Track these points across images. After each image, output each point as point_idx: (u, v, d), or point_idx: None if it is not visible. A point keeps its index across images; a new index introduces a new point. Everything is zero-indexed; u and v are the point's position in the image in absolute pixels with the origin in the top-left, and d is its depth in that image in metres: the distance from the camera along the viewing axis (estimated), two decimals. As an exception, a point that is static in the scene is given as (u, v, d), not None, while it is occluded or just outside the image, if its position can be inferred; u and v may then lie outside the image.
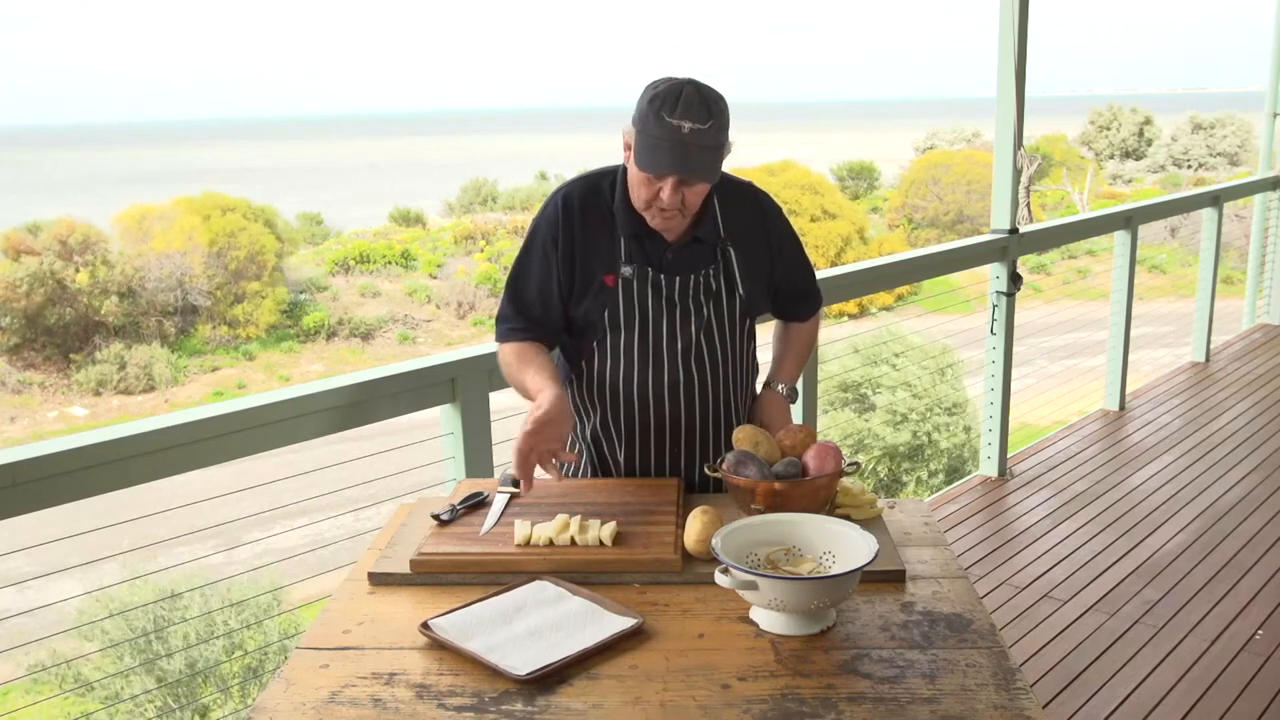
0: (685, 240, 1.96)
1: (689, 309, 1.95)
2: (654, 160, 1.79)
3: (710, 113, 1.77)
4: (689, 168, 1.78)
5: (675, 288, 1.94)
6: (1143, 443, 4.94)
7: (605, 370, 1.98)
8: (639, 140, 1.81)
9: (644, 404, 1.98)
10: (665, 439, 2.00)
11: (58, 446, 2.03)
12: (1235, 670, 3.02)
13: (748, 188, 2.07)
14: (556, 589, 1.56)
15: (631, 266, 1.92)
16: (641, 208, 1.89)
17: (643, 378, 1.97)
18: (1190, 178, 33.41)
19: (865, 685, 1.34)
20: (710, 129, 1.76)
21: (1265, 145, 6.75)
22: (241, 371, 19.89)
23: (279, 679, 1.39)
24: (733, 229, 1.99)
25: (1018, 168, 4.26)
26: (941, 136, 39.79)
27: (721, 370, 2.00)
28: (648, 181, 1.83)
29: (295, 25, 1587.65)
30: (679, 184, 1.81)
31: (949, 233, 25.38)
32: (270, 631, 6.57)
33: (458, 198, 35.20)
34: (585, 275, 1.95)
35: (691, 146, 1.76)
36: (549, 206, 1.99)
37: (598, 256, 1.94)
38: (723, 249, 1.97)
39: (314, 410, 2.37)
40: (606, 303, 1.94)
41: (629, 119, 1.85)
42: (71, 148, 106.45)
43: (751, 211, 2.04)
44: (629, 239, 1.93)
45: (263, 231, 21.25)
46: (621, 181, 1.95)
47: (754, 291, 2.02)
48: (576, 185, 2.00)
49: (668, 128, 1.75)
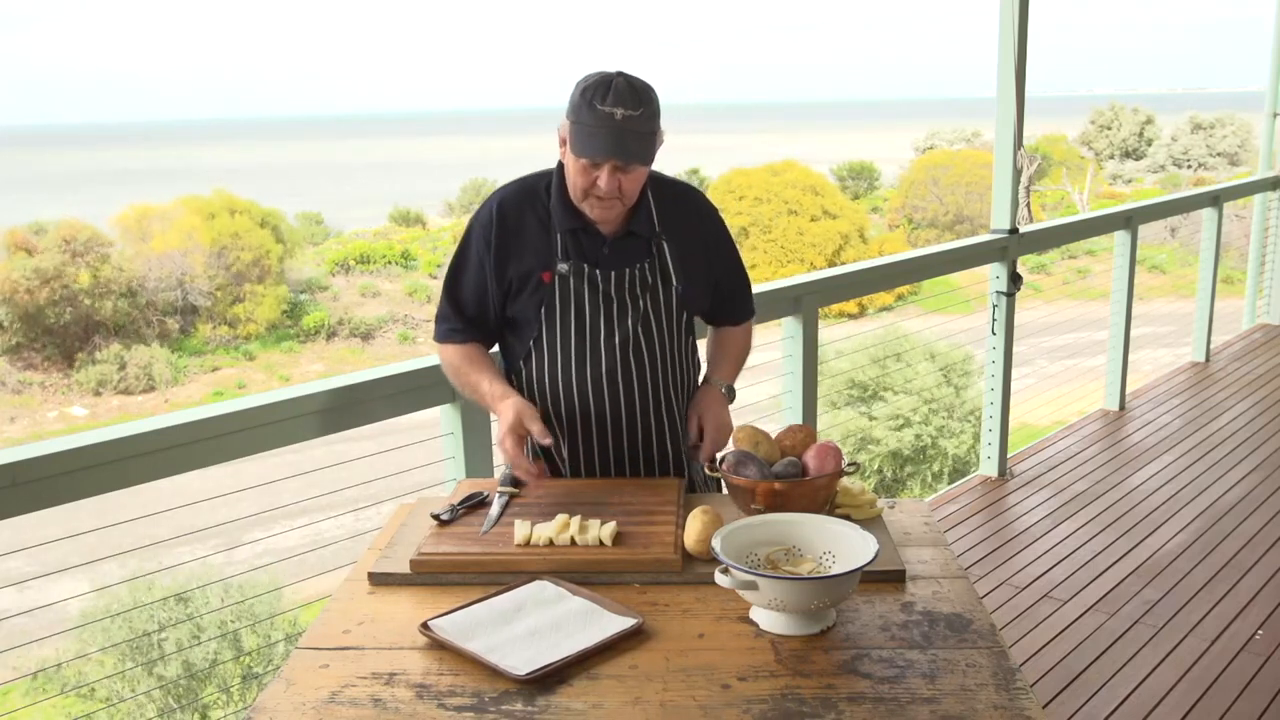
0: (621, 234, 1.99)
1: (625, 302, 1.98)
2: (590, 145, 1.83)
3: (640, 100, 1.83)
4: (624, 152, 1.83)
5: (611, 282, 1.97)
6: (1143, 443, 4.94)
7: (544, 366, 2.02)
8: (574, 130, 1.85)
9: (583, 397, 2.00)
10: (606, 431, 2.02)
11: (58, 446, 2.03)
12: (1235, 670, 3.01)
13: (684, 188, 2.11)
14: (556, 589, 1.56)
15: (568, 263, 1.96)
16: (579, 198, 1.92)
17: (580, 371, 1.99)
18: (1190, 178, 33.41)
19: (865, 685, 1.34)
20: (641, 115, 1.82)
21: (1265, 145, 6.75)
22: (241, 371, 19.89)
23: (279, 679, 1.39)
24: (667, 224, 2.02)
25: (1018, 168, 4.26)
26: (941, 136, 39.80)
27: (660, 362, 2.02)
28: (585, 170, 1.87)
29: (296, 25, 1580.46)
30: (615, 169, 1.86)
31: (949, 233, 25.38)
32: (270, 631, 6.57)
33: (458, 198, 35.21)
34: (521, 274, 1.98)
35: (625, 132, 1.82)
36: (483, 210, 2.03)
37: (534, 255, 1.98)
38: (657, 243, 2.00)
39: (314, 410, 2.37)
40: (543, 299, 1.98)
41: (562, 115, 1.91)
42: (71, 148, 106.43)
43: (687, 209, 2.07)
44: (565, 234, 1.96)
45: (266, 235, 21.26)
46: (558, 180, 1.98)
47: (690, 286, 2.05)
48: (511, 188, 2.05)
49: (601, 115, 1.81)
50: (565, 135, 1.89)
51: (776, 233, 23.43)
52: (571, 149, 1.87)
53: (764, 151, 34.18)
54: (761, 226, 23.62)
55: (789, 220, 23.44)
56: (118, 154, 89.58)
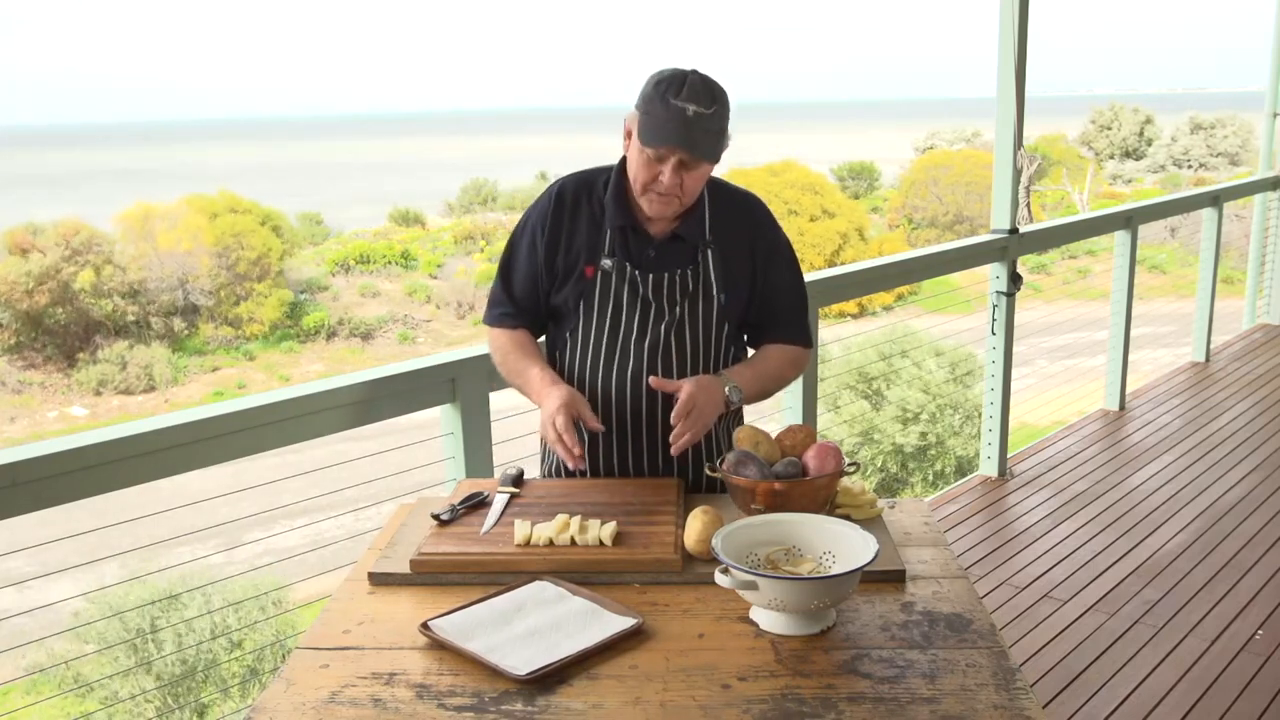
0: (668, 237, 1.97)
1: (661, 307, 1.96)
2: (659, 136, 1.82)
3: (714, 98, 1.82)
4: (692, 145, 1.82)
5: (649, 285, 1.96)
6: (1143, 443, 4.94)
7: (575, 359, 2.01)
8: (643, 121, 1.84)
9: (606, 395, 1.99)
10: (627, 435, 2.00)
11: (58, 446, 2.03)
12: (1235, 670, 3.01)
13: (745, 197, 2.07)
14: (556, 589, 1.56)
15: (612, 260, 1.95)
16: (639, 191, 1.91)
17: (607, 369, 1.99)
18: (1190, 178, 33.41)
19: (865, 685, 1.34)
20: (713, 114, 1.81)
21: (1265, 145, 6.75)
22: (242, 371, 19.89)
23: (279, 679, 1.39)
24: (719, 233, 1.99)
25: (1018, 168, 4.26)
26: (941, 136, 39.79)
27: (690, 370, 1.99)
28: (649, 163, 1.86)
29: (296, 25, 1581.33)
30: (680, 165, 1.84)
31: (949, 233, 25.38)
32: (270, 631, 6.58)
33: (458, 198, 35.21)
34: (568, 264, 1.98)
35: (696, 128, 1.80)
36: (543, 197, 2.03)
37: (583, 247, 1.98)
38: (704, 250, 1.98)
39: (314, 410, 2.37)
40: (583, 293, 1.98)
41: (631, 107, 1.89)
42: (70, 148, 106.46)
43: (742, 219, 2.04)
44: (615, 231, 1.96)
45: (268, 234, 21.26)
46: (616, 175, 1.98)
47: (733, 298, 2.01)
48: (571, 179, 2.04)
49: (673, 109, 1.80)
50: (631, 127, 1.88)
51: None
52: (639, 138, 1.85)
53: (764, 151, 34.17)
54: (763, 227, 23.58)
55: (790, 221, 23.45)
56: (114, 154, 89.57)
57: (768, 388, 2.07)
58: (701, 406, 1.87)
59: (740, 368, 2.04)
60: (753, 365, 2.06)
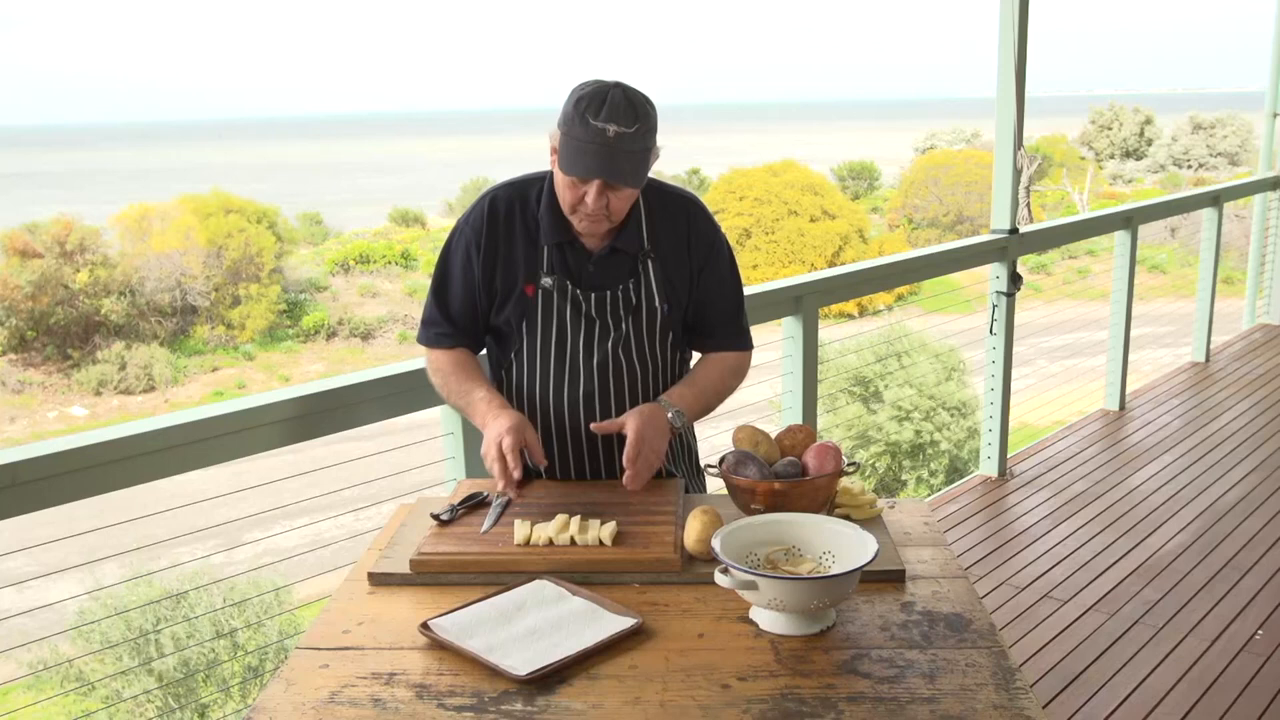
0: (606, 251, 1.92)
1: (607, 324, 1.93)
2: (578, 163, 1.76)
3: (636, 116, 1.75)
4: (613, 172, 1.76)
5: (592, 302, 1.92)
6: (1143, 443, 4.94)
7: (523, 380, 1.97)
8: (563, 143, 1.78)
9: (559, 414, 1.96)
10: (583, 453, 1.98)
11: (58, 446, 2.03)
12: (1235, 670, 3.01)
13: (684, 201, 2.01)
14: (556, 589, 1.56)
15: (552, 278, 1.91)
16: (567, 211, 1.86)
17: (557, 388, 1.95)
18: (1190, 178, 33.42)
19: (865, 685, 1.34)
20: (636, 133, 1.75)
21: (1265, 145, 6.75)
22: (241, 371, 19.90)
23: (279, 679, 1.39)
24: (658, 241, 1.95)
25: (1018, 168, 4.26)
26: (941, 137, 39.81)
27: (642, 387, 1.97)
28: (573, 185, 1.80)
29: (296, 25, 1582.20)
30: (604, 188, 1.79)
31: (949, 233, 25.38)
32: (270, 631, 6.58)
33: (458, 198, 35.23)
34: (507, 283, 1.93)
35: (617, 150, 1.74)
36: (474, 211, 1.97)
37: (520, 265, 1.93)
38: (644, 261, 1.94)
39: (314, 410, 2.36)
40: (525, 312, 1.93)
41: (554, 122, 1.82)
42: (67, 148, 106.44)
43: (682, 225, 1.98)
44: (552, 248, 1.91)
45: (262, 233, 21.25)
46: (549, 190, 1.92)
47: (675, 308, 1.97)
48: (503, 190, 1.97)
49: (593, 130, 1.73)
50: (555, 145, 1.82)
51: (779, 234, 23.45)
52: (560, 164, 1.80)
53: (764, 151, 34.17)
54: (764, 228, 23.63)
55: (790, 221, 23.47)
56: (113, 154, 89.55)
57: (710, 403, 2.02)
58: (650, 440, 1.84)
59: (680, 388, 1.97)
60: (693, 383, 2.00)
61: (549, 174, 1.93)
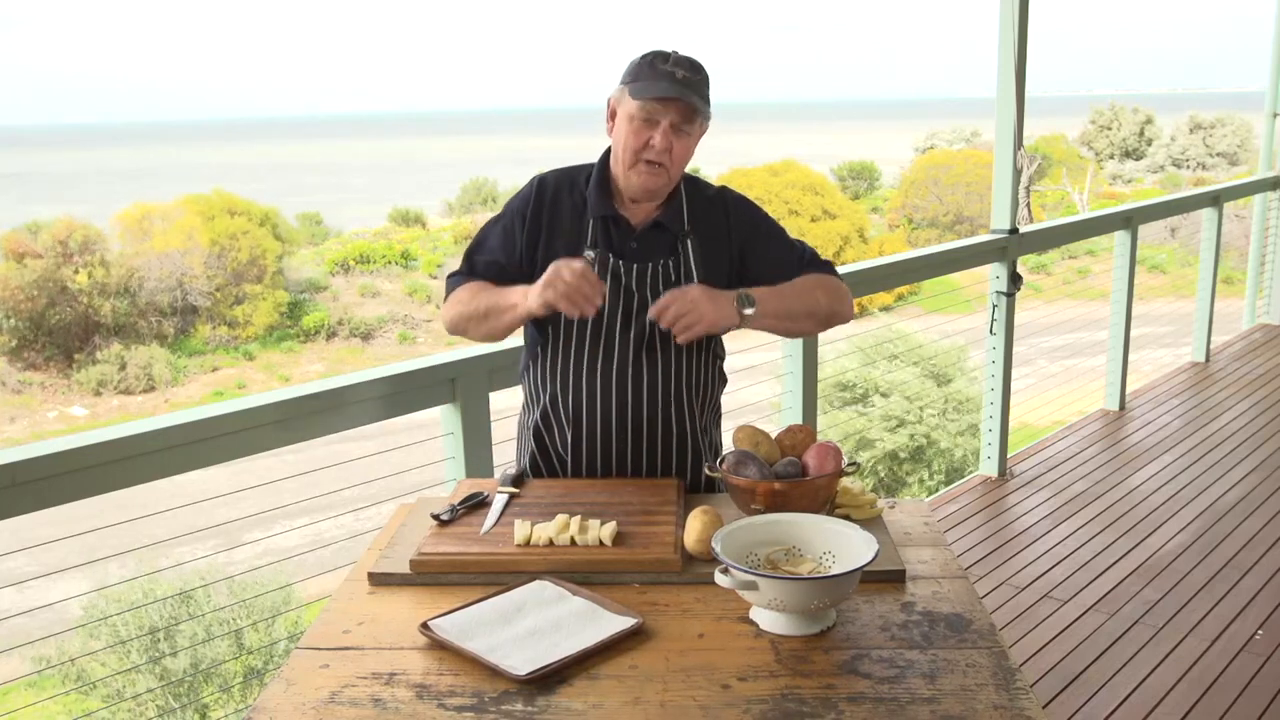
0: (648, 226, 1.98)
1: (645, 298, 1.96)
2: (655, 89, 1.86)
3: (698, 69, 1.90)
4: (687, 97, 1.86)
5: (634, 275, 1.96)
6: (1143, 443, 4.94)
7: (559, 352, 2.00)
8: (634, 86, 1.88)
9: (591, 388, 1.97)
10: (611, 430, 1.98)
11: (58, 446, 2.03)
12: (1235, 670, 3.02)
13: (715, 187, 2.10)
14: (556, 589, 1.56)
15: (595, 250, 1.95)
16: (630, 163, 1.91)
17: (593, 361, 1.98)
18: (1190, 178, 33.41)
19: (865, 685, 1.34)
20: (701, 80, 1.90)
21: (1265, 145, 6.75)
22: (241, 371, 19.89)
23: (279, 679, 1.39)
24: (696, 223, 2.01)
25: (1018, 168, 4.26)
26: (941, 136, 39.80)
27: (676, 364, 1.99)
28: (640, 129, 1.88)
29: (295, 25, 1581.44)
30: (671, 129, 1.88)
31: (949, 233, 25.37)
32: (270, 631, 6.58)
33: (458, 198, 35.20)
34: (549, 253, 1.96)
35: (688, 89, 1.87)
36: (524, 189, 2.05)
37: (564, 237, 1.98)
38: (684, 240, 1.99)
39: (314, 410, 2.37)
40: None
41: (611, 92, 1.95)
42: (68, 148, 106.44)
43: (716, 210, 2.04)
44: (598, 220, 1.97)
45: (264, 234, 21.25)
46: (599, 166, 2.00)
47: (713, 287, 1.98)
48: (552, 173, 2.07)
49: (663, 72, 1.87)
50: (617, 104, 1.92)
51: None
52: (632, 95, 1.88)
53: (764, 151, 34.18)
54: (765, 228, 23.59)
55: (790, 221, 23.46)
56: (113, 154, 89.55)
57: (791, 306, 1.95)
58: (695, 297, 1.82)
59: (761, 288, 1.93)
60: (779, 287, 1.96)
61: (598, 159, 2.02)
